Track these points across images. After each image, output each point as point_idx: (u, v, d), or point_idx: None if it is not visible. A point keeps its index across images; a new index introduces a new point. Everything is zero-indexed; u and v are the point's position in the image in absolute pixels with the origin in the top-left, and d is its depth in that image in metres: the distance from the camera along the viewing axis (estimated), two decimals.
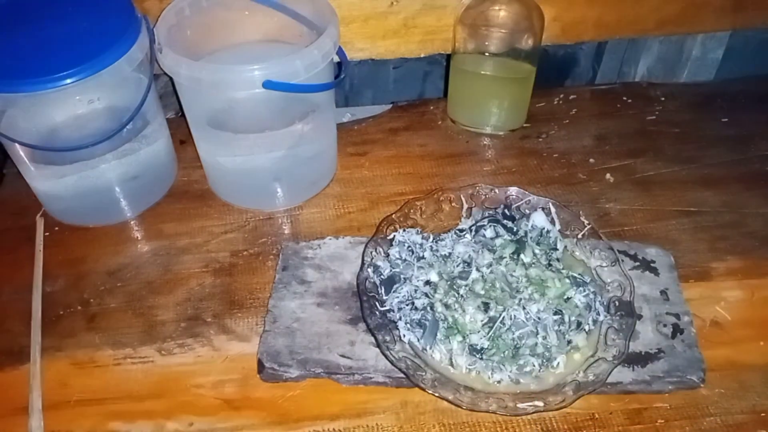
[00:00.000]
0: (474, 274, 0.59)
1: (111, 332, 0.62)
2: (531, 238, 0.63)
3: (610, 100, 0.86)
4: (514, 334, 0.55)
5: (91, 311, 0.64)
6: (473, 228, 0.64)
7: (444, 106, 0.84)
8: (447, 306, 0.58)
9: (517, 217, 0.65)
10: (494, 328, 0.55)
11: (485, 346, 0.55)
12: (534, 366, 0.54)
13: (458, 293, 0.58)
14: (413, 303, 0.58)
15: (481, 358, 0.54)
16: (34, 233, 0.71)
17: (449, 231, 0.65)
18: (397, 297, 0.58)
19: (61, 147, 0.66)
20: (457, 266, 0.61)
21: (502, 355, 0.55)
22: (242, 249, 0.69)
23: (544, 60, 0.78)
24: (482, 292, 0.58)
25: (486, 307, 0.56)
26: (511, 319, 0.56)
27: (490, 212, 0.65)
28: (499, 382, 0.54)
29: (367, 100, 0.95)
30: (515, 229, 0.64)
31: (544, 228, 0.64)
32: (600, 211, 0.71)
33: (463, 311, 0.57)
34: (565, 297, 0.58)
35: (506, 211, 0.65)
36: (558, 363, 0.54)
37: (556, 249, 0.62)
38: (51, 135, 0.67)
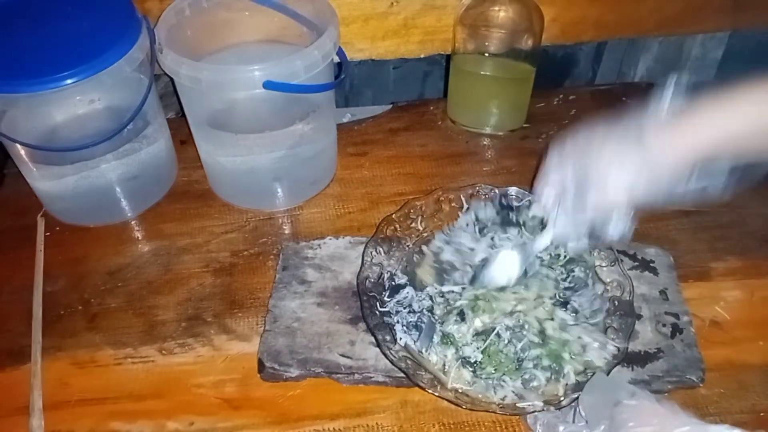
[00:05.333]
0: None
1: (111, 332, 0.62)
2: (528, 224, 0.63)
3: (610, 101, 0.85)
4: (516, 346, 0.54)
5: (91, 311, 0.64)
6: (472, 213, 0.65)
7: (444, 107, 0.84)
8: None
9: (513, 205, 0.65)
10: (488, 342, 0.55)
11: (479, 359, 0.54)
12: (541, 381, 0.53)
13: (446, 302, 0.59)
14: (411, 306, 0.58)
15: (474, 372, 0.54)
16: (35, 233, 0.71)
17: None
18: (396, 298, 0.58)
19: (62, 147, 0.66)
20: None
21: (505, 369, 0.54)
22: (242, 249, 0.69)
23: (544, 60, 0.78)
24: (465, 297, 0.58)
25: (462, 316, 0.56)
26: (508, 330, 0.55)
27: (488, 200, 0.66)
28: (503, 398, 0.52)
29: (367, 101, 0.95)
30: (510, 206, 0.65)
31: (544, 218, 0.63)
32: None
33: (447, 321, 0.57)
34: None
35: (503, 200, 0.65)
36: (567, 373, 0.53)
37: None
38: (51, 135, 0.67)
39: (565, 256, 0.62)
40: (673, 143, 0.47)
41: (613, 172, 0.49)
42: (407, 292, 0.58)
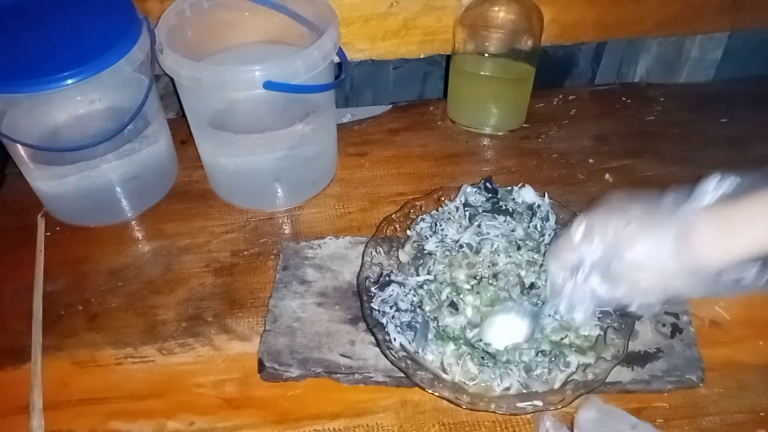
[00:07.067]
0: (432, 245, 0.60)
1: (112, 332, 0.62)
2: (517, 212, 0.63)
3: (610, 101, 0.86)
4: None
5: (92, 311, 0.64)
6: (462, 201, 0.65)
7: (444, 107, 0.84)
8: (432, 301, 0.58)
9: (499, 190, 0.65)
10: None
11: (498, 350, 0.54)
12: (545, 366, 0.53)
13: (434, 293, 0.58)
14: (397, 304, 0.57)
15: (495, 364, 0.54)
16: (36, 233, 0.71)
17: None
18: (381, 297, 0.58)
19: (62, 147, 0.66)
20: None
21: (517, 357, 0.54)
22: (243, 249, 0.69)
23: (544, 60, 0.78)
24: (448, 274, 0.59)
25: (455, 307, 0.56)
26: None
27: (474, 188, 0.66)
28: (507, 389, 0.53)
29: (367, 101, 0.95)
30: (498, 193, 0.65)
31: (534, 203, 0.64)
32: None
33: (440, 310, 0.57)
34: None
35: (488, 184, 0.65)
36: (569, 361, 0.54)
37: (548, 220, 0.63)
38: (52, 135, 0.67)
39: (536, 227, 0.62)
40: (719, 242, 0.45)
41: (648, 264, 0.47)
42: (392, 290, 0.58)
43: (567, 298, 0.53)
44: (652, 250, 0.47)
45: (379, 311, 0.57)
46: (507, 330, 0.56)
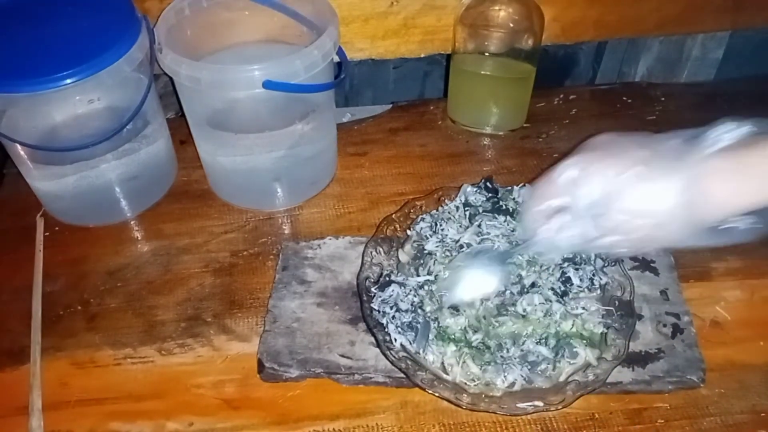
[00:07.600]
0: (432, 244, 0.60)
1: (111, 332, 0.62)
2: (518, 211, 0.63)
3: (610, 100, 0.85)
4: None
5: (91, 311, 0.64)
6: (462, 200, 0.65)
7: (444, 106, 0.84)
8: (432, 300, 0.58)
9: (499, 189, 0.65)
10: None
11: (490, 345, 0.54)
12: (548, 359, 0.53)
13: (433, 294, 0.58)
14: (397, 305, 0.57)
15: (496, 361, 0.54)
16: (35, 233, 0.71)
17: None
18: (381, 297, 0.58)
19: (61, 147, 0.66)
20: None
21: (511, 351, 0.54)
22: (242, 249, 0.69)
23: (544, 60, 0.78)
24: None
25: (456, 308, 0.56)
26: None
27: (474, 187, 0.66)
28: (512, 384, 0.53)
29: (367, 100, 0.95)
30: (498, 193, 0.65)
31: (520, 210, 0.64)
32: None
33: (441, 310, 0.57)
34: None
35: (488, 183, 0.65)
36: (577, 353, 0.54)
37: None
38: (51, 135, 0.67)
39: None
40: (734, 190, 0.42)
41: (646, 213, 0.43)
42: (392, 290, 0.58)
43: (542, 242, 0.50)
44: (654, 199, 0.43)
45: (379, 311, 0.57)
46: (475, 281, 0.56)
